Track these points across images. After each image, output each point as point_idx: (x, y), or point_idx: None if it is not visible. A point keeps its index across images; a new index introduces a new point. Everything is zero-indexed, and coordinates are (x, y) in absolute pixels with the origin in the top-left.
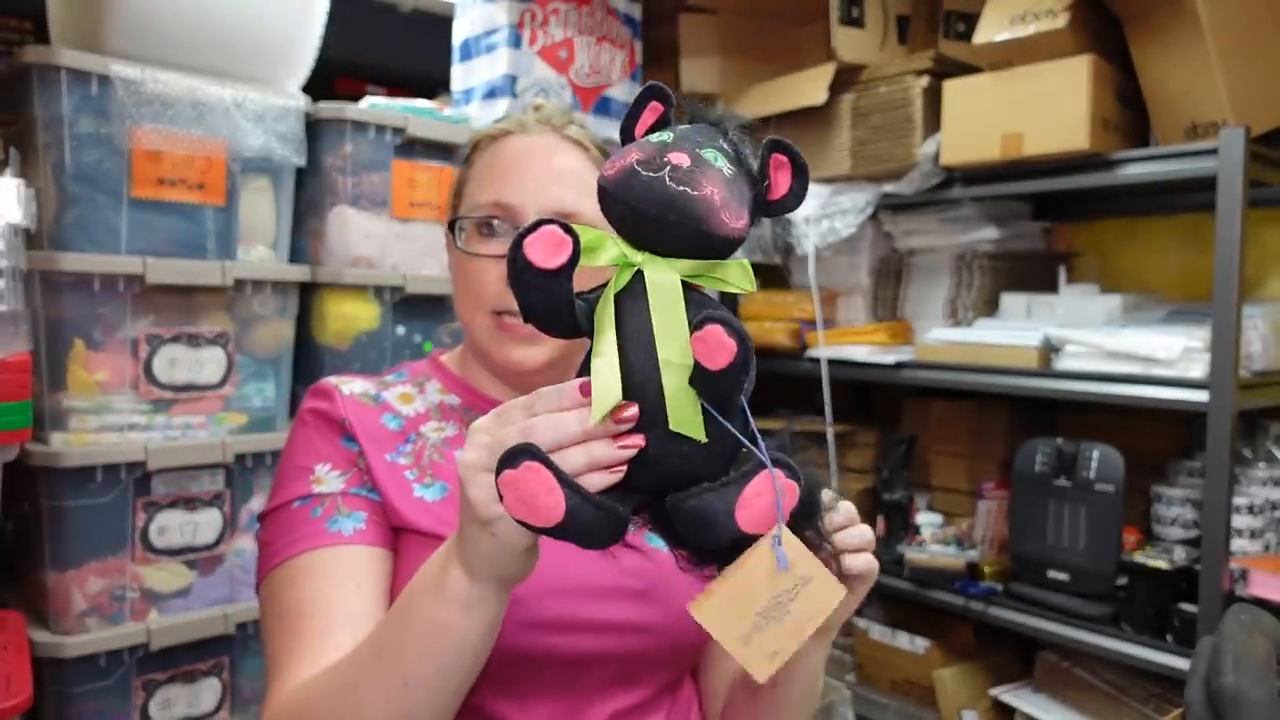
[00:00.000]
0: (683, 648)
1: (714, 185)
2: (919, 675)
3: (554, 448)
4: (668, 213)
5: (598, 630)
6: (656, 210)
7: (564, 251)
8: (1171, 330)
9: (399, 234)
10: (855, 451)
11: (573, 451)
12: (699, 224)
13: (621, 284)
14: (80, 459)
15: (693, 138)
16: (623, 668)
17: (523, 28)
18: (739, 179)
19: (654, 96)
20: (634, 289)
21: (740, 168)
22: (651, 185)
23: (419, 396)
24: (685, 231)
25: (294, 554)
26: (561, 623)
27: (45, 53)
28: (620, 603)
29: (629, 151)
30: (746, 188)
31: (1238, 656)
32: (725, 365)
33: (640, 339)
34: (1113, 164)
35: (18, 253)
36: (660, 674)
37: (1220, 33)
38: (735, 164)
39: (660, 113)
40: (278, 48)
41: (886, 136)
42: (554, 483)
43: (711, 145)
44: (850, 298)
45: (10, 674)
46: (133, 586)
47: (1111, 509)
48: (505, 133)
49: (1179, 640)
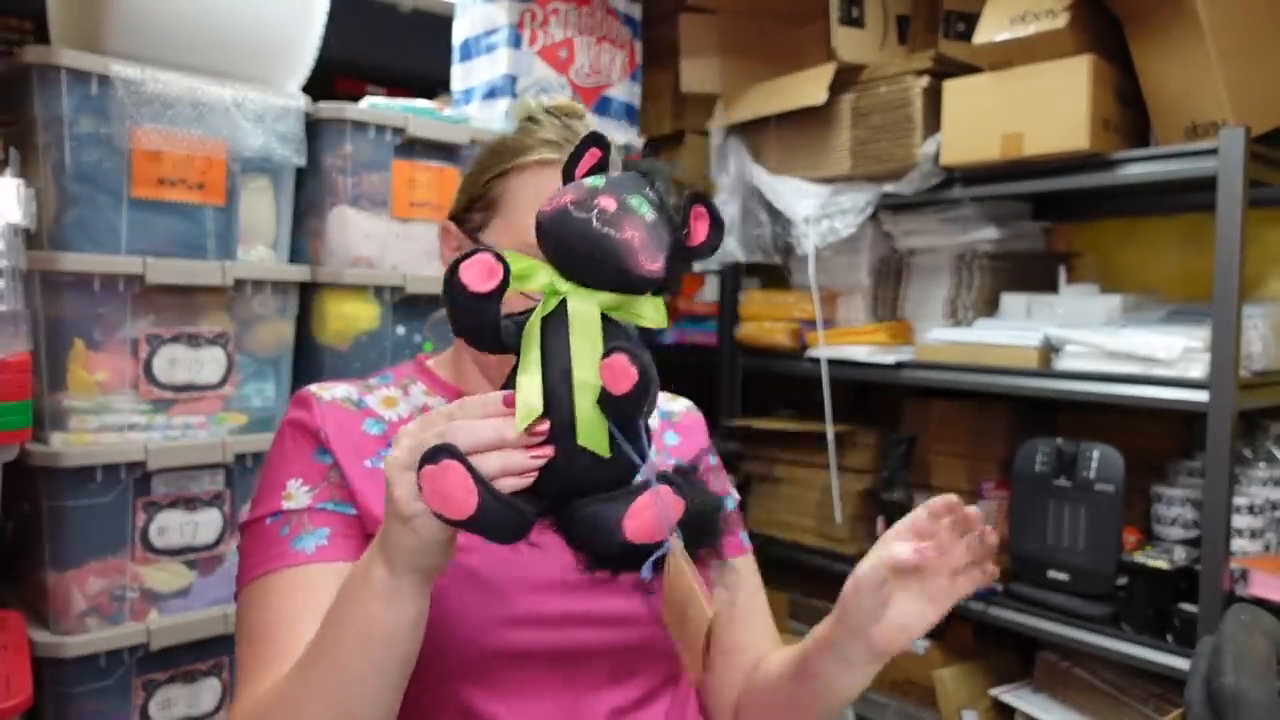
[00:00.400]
0: (667, 639)
1: (635, 229)
2: (919, 675)
3: (471, 450)
4: (593, 250)
5: (592, 624)
6: (584, 248)
7: (495, 278)
8: (1172, 330)
9: (399, 234)
10: (855, 451)
11: (490, 456)
12: (619, 263)
13: (548, 310)
14: (80, 459)
15: (622, 185)
16: (620, 660)
17: (523, 28)
18: (660, 225)
19: (594, 143)
20: (558, 315)
21: (662, 215)
22: (580, 225)
23: (403, 399)
24: (607, 269)
25: (261, 574)
26: (554, 617)
27: (45, 52)
28: (613, 596)
29: (565, 192)
30: (666, 234)
31: (1238, 656)
32: (627, 390)
33: (559, 360)
34: (1113, 164)
35: (18, 253)
36: (660, 666)
37: (1220, 33)
38: (658, 211)
39: (598, 158)
40: (278, 48)
41: (886, 136)
42: (470, 480)
43: (638, 193)
44: (850, 298)
45: (10, 674)
46: (133, 586)
47: (1112, 509)
48: (557, 159)
49: (1179, 640)
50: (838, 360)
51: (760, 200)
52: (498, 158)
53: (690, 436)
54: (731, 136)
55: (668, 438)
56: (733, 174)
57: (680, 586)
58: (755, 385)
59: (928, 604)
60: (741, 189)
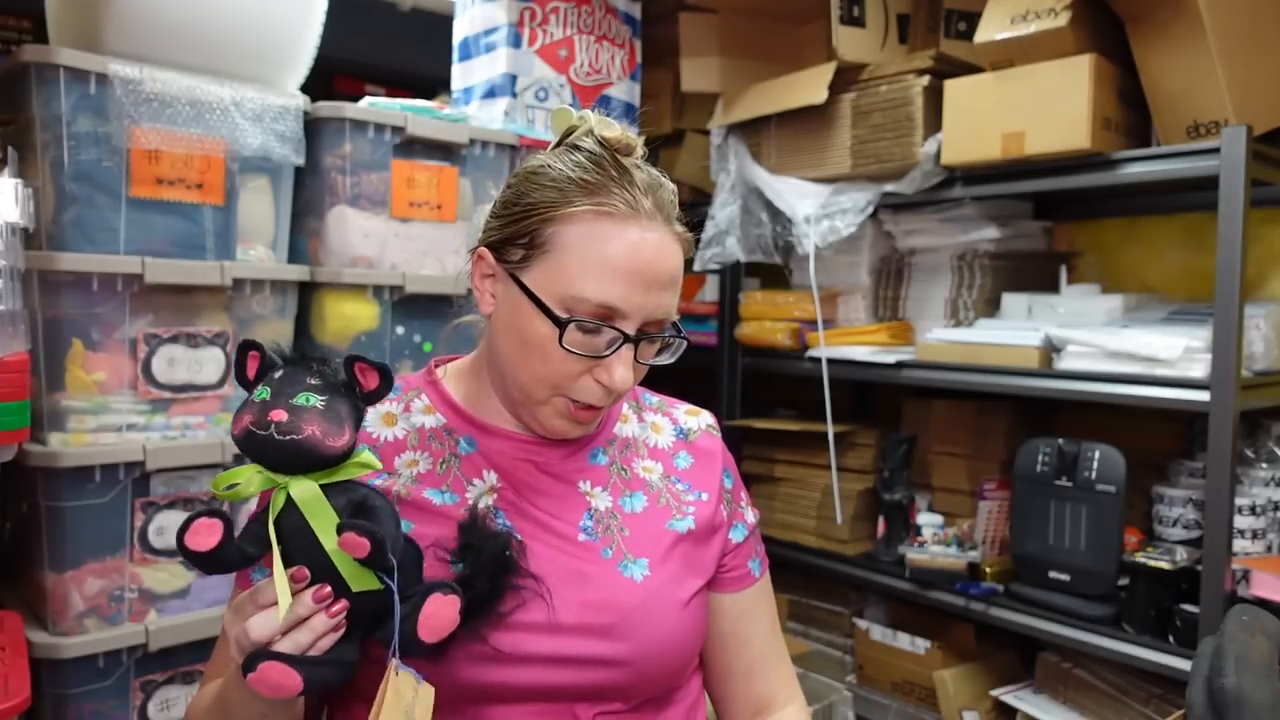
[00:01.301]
0: (654, 680)
1: (312, 424)
2: (920, 676)
3: (273, 638)
4: (285, 457)
5: (560, 664)
6: (278, 457)
7: (216, 534)
8: (1173, 330)
9: (398, 233)
10: (855, 451)
11: (293, 638)
12: (310, 455)
13: (280, 501)
14: (78, 459)
15: (286, 389)
16: (601, 699)
17: (522, 27)
18: (334, 400)
19: (250, 349)
20: (291, 502)
21: (331, 392)
22: (265, 443)
23: (401, 416)
24: (304, 463)
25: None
26: (521, 657)
27: (44, 52)
28: (583, 638)
29: (243, 414)
30: (343, 401)
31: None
32: (365, 556)
33: (309, 538)
34: (1114, 163)
35: (16, 252)
36: (635, 699)
37: (1222, 32)
38: (326, 391)
39: (260, 359)
40: (277, 47)
41: (887, 136)
42: (286, 668)
43: (302, 390)
44: (851, 298)
45: (8, 675)
46: (131, 587)
47: (1113, 509)
48: (613, 214)
49: (1180, 641)
50: (838, 360)
51: (760, 200)
52: (545, 194)
53: (705, 462)
54: (731, 136)
55: (679, 460)
56: (733, 173)
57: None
58: (755, 385)
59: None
60: (741, 188)
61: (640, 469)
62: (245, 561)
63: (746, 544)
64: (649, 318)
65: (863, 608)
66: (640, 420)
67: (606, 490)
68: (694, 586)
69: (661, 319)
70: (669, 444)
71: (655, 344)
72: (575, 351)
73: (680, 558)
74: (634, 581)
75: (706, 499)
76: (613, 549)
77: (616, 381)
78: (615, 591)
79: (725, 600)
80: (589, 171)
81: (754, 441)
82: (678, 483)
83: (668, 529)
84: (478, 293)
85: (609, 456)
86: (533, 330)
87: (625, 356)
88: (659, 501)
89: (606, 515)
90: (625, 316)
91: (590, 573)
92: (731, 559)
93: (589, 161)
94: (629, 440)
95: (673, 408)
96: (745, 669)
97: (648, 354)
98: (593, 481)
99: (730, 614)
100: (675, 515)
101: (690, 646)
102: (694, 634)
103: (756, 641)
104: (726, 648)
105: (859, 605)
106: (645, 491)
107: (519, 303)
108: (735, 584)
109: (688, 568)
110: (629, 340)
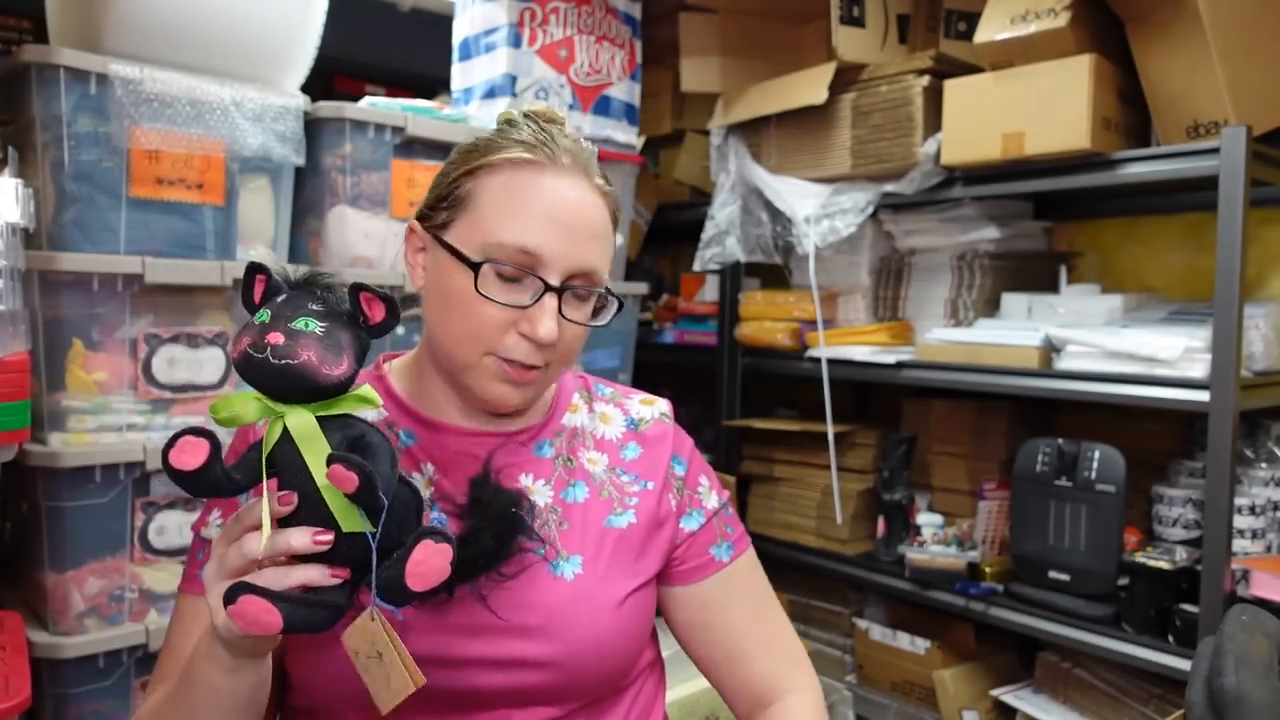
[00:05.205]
0: (588, 683)
1: (309, 350)
2: (920, 676)
3: (249, 568)
4: (280, 382)
5: (488, 667)
6: (273, 381)
7: (201, 453)
8: (1173, 330)
9: (398, 233)
10: (855, 451)
11: (275, 573)
12: (307, 383)
13: (276, 433)
14: (79, 459)
15: (286, 312)
16: (517, 698)
17: (522, 27)
18: (334, 329)
19: (256, 272)
20: (288, 433)
21: (333, 319)
22: (261, 366)
23: None
24: (299, 389)
25: (181, 589)
26: (440, 659)
27: (44, 52)
28: (507, 639)
29: (242, 336)
30: (344, 330)
31: (1239, 657)
32: (354, 491)
33: (301, 471)
34: (1114, 163)
35: (16, 252)
36: (572, 703)
37: (1222, 32)
38: (327, 318)
39: (265, 282)
40: (277, 47)
41: (887, 136)
42: (267, 604)
43: (303, 314)
44: (850, 298)
45: (9, 675)
46: (131, 587)
47: (1113, 509)
48: (531, 161)
49: (1180, 641)
50: (838, 360)
51: (760, 200)
52: (467, 157)
53: (652, 451)
54: (731, 136)
55: (627, 451)
56: (733, 173)
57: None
58: (755, 385)
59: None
60: (741, 188)
61: (585, 460)
62: (233, 488)
63: (705, 531)
64: (573, 268)
65: (863, 608)
66: (590, 411)
67: (549, 484)
68: (630, 585)
69: (588, 272)
70: (618, 435)
71: (586, 304)
72: (494, 299)
73: (616, 556)
74: (564, 580)
75: (652, 488)
76: (546, 547)
77: (541, 333)
78: (544, 591)
79: (685, 592)
80: (509, 133)
81: (754, 441)
82: (623, 474)
83: (606, 526)
84: (409, 268)
85: (555, 449)
86: (453, 285)
87: (549, 307)
88: (600, 495)
89: (546, 510)
90: (546, 265)
91: (520, 571)
92: (685, 550)
93: (509, 128)
94: (577, 430)
95: (626, 398)
96: (724, 658)
97: (577, 313)
98: (535, 475)
99: (692, 604)
100: (616, 510)
101: (626, 648)
102: (630, 634)
103: (732, 629)
104: (696, 639)
105: (859, 605)
106: (588, 483)
107: (441, 262)
108: (693, 575)
109: (624, 566)
110: (551, 289)
